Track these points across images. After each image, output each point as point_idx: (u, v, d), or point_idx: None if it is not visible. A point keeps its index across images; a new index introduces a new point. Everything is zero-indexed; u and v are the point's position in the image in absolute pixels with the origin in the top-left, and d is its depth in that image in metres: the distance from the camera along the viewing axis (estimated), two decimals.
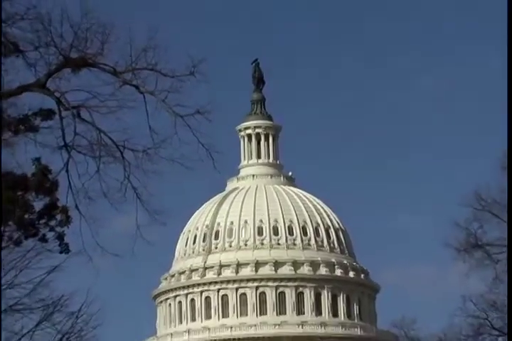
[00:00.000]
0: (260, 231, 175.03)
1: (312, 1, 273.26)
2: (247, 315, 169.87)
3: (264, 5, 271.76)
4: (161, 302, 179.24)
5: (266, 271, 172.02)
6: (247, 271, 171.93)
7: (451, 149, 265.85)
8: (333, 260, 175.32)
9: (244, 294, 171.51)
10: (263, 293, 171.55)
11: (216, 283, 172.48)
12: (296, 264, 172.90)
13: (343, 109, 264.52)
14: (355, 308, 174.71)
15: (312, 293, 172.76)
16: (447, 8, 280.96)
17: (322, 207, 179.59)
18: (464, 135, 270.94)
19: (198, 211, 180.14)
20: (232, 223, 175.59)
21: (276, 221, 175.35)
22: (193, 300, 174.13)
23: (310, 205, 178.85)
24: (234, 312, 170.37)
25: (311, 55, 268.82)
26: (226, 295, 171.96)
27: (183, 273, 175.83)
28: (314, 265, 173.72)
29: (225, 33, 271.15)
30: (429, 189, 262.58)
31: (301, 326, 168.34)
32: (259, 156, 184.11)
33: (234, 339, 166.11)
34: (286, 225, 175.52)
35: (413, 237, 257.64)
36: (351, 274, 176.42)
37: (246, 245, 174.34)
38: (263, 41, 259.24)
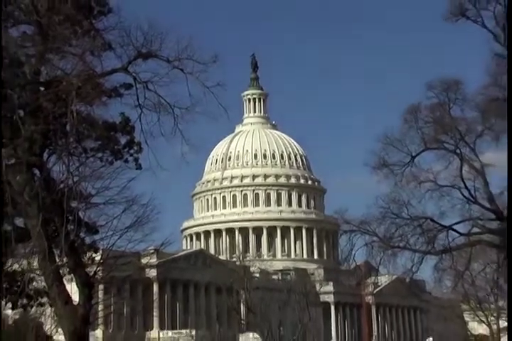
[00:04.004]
0: (256, 156, 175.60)
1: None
2: (247, 206, 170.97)
3: (262, 10, 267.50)
4: (196, 199, 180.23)
5: (259, 180, 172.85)
6: (247, 180, 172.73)
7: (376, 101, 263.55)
8: (299, 174, 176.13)
9: (246, 194, 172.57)
10: (257, 194, 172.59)
11: (229, 187, 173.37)
12: (277, 176, 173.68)
13: (308, 84, 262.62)
14: (312, 202, 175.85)
15: (286, 194, 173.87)
16: None
17: (293, 143, 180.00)
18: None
19: (218, 144, 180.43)
20: (239, 151, 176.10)
21: (265, 150, 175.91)
22: (215, 197, 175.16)
23: (286, 141, 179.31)
24: (239, 205, 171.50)
25: (293, 51, 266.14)
26: (235, 195, 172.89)
27: (210, 181, 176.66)
28: (288, 177, 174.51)
29: (235, 33, 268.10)
30: (360, 128, 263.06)
31: (279, 213, 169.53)
32: (255, 111, 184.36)
33: (240, 220, 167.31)
34: (271, 153, 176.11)
35: (348, 160, 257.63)
36: (309, 182, 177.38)
37: (247, 165, 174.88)
38: (259, 40, 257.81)
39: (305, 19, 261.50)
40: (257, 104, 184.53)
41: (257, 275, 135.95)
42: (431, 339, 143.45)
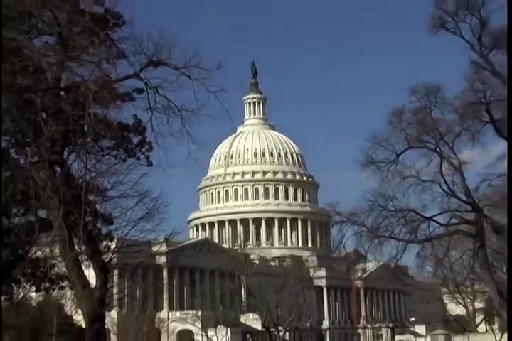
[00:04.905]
0: (255, 155, 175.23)
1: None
2: (248, 200, 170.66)
3: (261, 20, 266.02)
4: (202, 193, 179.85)
5: (258, 176, 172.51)
6: (248, 176, 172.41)
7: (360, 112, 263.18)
8: (295, 170, 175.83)
9: (246, 189, 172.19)
10: (257, 188, 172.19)
11: (231, 182, 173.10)
12: (274, 173, 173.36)
13: (304, 88, 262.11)
14: (306, 196, 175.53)
15: (283, 188, 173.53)
16: None
17: (289, 142, 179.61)
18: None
19: (221, 144, 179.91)
20: (240, 150, 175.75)
21: (264, 149, 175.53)
22: (219, 192, 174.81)
23: (282, 140, 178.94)
24: (241, 198, 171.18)
25: (291, 59, 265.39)
26: (237, 189, 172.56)
27: (214, 177, 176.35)
28: (284, 173, 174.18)
29: (236, 42, 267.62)
30: (350, 128, 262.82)
31: (277, 205, 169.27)
32: (254, 114, 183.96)
33: (241, 212, 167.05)
34: (270, 151, 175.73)
35: (339, 158, 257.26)
36: (304, 178, 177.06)
37: (248, 162, 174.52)
38: (259, 48, 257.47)
39: (300, 29, 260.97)
40: (256, 107, 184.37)
41: (257, 261, 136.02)
42: (413, 319, 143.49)
